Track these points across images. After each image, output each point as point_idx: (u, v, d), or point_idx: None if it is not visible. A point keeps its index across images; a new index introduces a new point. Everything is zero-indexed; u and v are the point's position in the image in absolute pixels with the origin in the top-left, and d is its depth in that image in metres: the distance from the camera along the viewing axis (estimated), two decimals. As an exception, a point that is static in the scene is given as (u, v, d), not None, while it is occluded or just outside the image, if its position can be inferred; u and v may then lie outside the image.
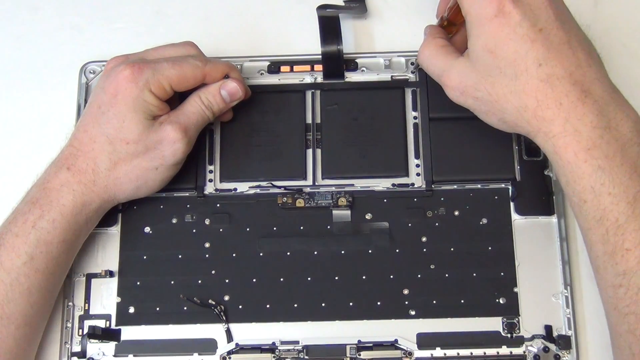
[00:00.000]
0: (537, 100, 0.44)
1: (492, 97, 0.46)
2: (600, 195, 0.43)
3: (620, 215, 0.43)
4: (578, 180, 0.44)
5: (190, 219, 0.55)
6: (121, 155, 0.50)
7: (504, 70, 0.45)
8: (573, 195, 0.45)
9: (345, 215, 0.55)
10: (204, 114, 0.52)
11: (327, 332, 0.53)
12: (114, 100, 0.49)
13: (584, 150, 0.43)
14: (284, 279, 0.54)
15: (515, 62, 0.45)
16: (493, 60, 0.45)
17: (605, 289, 0.45)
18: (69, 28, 0.61)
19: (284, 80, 0.58)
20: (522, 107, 0.45)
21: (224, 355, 0.52)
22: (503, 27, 0.45)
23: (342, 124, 0.56)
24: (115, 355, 0.53)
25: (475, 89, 0.47)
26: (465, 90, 0.48)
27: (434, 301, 0.53)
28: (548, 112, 0.44)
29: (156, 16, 0.62)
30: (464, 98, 0.48)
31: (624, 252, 0.43)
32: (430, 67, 0.51)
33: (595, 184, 0.43)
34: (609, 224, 0.43)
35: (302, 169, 0.56)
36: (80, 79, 0.58)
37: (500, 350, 0.52)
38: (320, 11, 0.59)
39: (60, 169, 0.50)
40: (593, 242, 0.45)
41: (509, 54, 0.45)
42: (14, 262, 0.48)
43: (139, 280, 0.54)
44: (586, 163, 0.43)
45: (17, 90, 0.60)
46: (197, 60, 0.51)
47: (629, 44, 0.60)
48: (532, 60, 0.44)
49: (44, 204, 0.49)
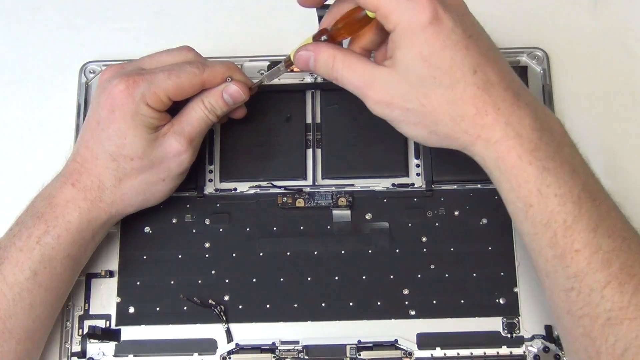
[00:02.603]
0: (475, 108, 0.43)
1: (426, 108, 0.44)
2: (547, 197, 0.43)
3: (568, 216, 0.42)
4: (524, 184, 0.43)
5: (190, 218, 0.55)
6: (126, 172, 0.49)
7: (439, 79, 0.43)
8: (517, 201, 0.44)
9: (345, 215, 0.55)
10: (208, 119, 0.50)
11: (327, 332, 0.53)
12: (112, 116, 0.48)
13: (528, 152, 0.43)
14: (284, 279, 0.54)
15: (451, 70, 0.43)
16: (427, 69, 0.43)
17: (557, 294, 0.44)
18: (69, 28, 0.61)
19: (284, 80, 0.58)
20: (460, 116, 0.44)
21: (224, 355, 0.52)
22: (438, 35, 0.43)
23: (342, 124, 0.56)
24: (115, 355, 0.53)
25: (405, 100, 0.44)
26: (392, 102, 0.45)
27: (434, 301, 0.53)
28: (487, 118, 0.43)
29: (156, 16, 0.62)
30: (390, 110, 0.45)
31: (573, 253, 0.42)
32: (349, 79, 0.46)
33: (541, 187, 0.43)
34: (557, 226, 0.43)
35: (302, 169, 0.56)
36: (80, 79, 0.59)
37: (500, 350, 0.52)
38: (320, 11, 0.59)
39: (65, 184, 0.49)
40: (541, 247, 0.44)
41: (445, 61, 0.43)
42: (17, 277, 0.48)
43: (139, 280, 0.54)
44: (531, 165, 0.43)
45: (17, 90, 0.60)
46: (194, 68, 0.49)
47: (629, 44, 0.60)
48: (467, 67, 0.43)
49: (50, 219, 0.49)
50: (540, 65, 0.58)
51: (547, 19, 0.61)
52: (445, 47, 0.43)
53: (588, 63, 0.60)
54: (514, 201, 0.44)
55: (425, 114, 0.45)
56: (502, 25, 0.61)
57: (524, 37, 0.60)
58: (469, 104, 0.43)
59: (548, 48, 0.59)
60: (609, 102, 0.58)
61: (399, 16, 0.43)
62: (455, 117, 0.44)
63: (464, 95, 0.43)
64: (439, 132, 0.45)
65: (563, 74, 0.59)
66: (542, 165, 0.43)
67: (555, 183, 0.43)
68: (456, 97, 0.44)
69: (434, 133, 0.45)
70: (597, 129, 0.58)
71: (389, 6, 0.43)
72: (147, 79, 0.48)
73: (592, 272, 0.42)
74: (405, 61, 0.44)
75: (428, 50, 0.43)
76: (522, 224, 0.45)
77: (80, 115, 0.58)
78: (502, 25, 0.61)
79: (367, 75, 0.45)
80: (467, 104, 0.43)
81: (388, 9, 0.43)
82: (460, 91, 0.43)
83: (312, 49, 0.48)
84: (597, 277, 0.42)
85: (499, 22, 0.61)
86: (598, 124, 0.58)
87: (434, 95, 0.44)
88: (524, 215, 0.44)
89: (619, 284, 0.42)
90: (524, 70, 0.58)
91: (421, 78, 0.44)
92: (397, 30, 0.43)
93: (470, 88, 0.43)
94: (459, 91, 0.43)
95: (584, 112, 0.58)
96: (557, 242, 0.43)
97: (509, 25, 0.61)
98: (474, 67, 0.43)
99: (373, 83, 0.45)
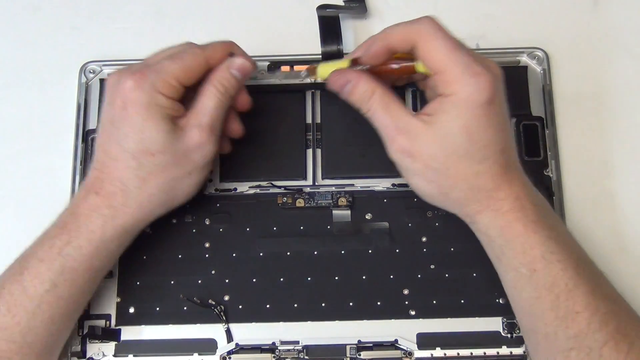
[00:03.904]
0: (494, 183, 0.46)
1: (450, 172, 0.46)
2: (550, 262, 0.45)
3: (569, 281, 0.45)
4: (529, 250, 0.46)
5: (190, 219, 0.55)
6: (149, 169, 0.47)
7: (473, 153, 0.46)
8: (521, 267, 0.46)
9: (345, 215, 0.55)
10: (223, 102, 0.49)
11: (327, 332, 0.53)
12: (125, 112, 0.46)
13: (533, 223, 0.46)
14: (284, 279, 0.54)
15: (486, 148, 0.46)
16: (466, 142, 0.45)
17: (554, 356, 0.46)
18: (69, 28, 0.61)
19: (284, 80, 0.58)
20: (478, 187, 0.46)
21: (224, 355, 0.52)
22: (488, 115, 0.45)
23: (342, 124, 0.56)
24: (115, 355, 0.53)
25: (432, 158, 0.46)
26: (418, 156, 0.46)
27: (434, 301, 0.53)
28: (501, 193, 0.46)
29: (156, 16, 0.62)
30: (411, 161, 0.47)
31: (574, 315, 0.45)
32: (381, 118, 0.48)
33: (545, 253, 0.46)
34: (559, 290, 0.45)
35: (302, 169, 0.56)
36: (80, 79, 0.59)
37: (500, 350, 0.52)
38: (320, 11, 0.59)
39: (89, 193, 0.48)
40: (543, 310, 0.46)
41: (484, 140, 0.45)
42: (37, 289, 0.46)
43: (139, 280, 0.54)
44: (536, 234, 0.46)
45: (17, 90, 0.60)
46: (195, 48, 0.49)
47: (629, 44, 0.60)
48: (499, 147, 0.46)
49: (72, 229, 0.47)
50: (540, 65, 0.58)
51: (547, 19, 0.61)
52: (489, 127, 0.45)
53: (588, 63, 0.60)
54: (517, 267, 0.46)
55: (447, 177, 0.47)
56: (502, 25, 0.61)
57: (524, 37, 0.60)
58: (490, 179, 0.46)
59: (548, 48, 0.59)
60: (609, 102, 0.58)
61: (461, 87, 0.45)
62: (473, 187, 0.46)
63: (489, 171, 0.46)
64: (451, 195, 0.47)
65: (563, 74, 0.59)
66: (545, 234, 0.46)
67: (557, 250, 0.46)
68: (482, 170, 0.46)
69: (445, 195, 0.48)
70: (596, 128, 0.58)
71: (454, 75, 0.45)
72: (154, 70, 0.47)
73: (592, 332, 0.44)
74: (448, 127, 0.45)
75: (475, 126, 0.45)
76: (522, 290, 0.47)
77: (80, 116, 0.57)
78: (502, 25, 0.61)
79: (402, 122, 0.47)
80: (488, 179, 0.46)
81: (452, 77, 0.45)
82: (487, 167, 0.46)
83: (354, 76, 0.49)
84: (596, 337, 0.44)
85: (499, 22, 0.61)
86: (598, 124, 0.58)
87: (462, 165, 0.46)
88: (527, 280, 0.46)
89: (615, 343, 0.44)
90: (524, 70, 0.58)
91: (457, 146, 0.46)
92: (451, 98, 0.45)
93: (495, 166, 0.46)
94: (486, 166, 0.46)
95: (584, 112, 0.58)
96: (560, 304, 0.45)
97: (509, 25, 0.61)
98: (503, 148, 0.46)
99: (405, 131, 0.47)
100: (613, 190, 0.57)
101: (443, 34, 0.46)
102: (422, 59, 0.47)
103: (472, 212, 0.48)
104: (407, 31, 0.47)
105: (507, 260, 0.47)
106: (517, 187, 0.47)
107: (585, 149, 0.57)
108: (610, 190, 0.57)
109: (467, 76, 0.45)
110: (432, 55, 0.46)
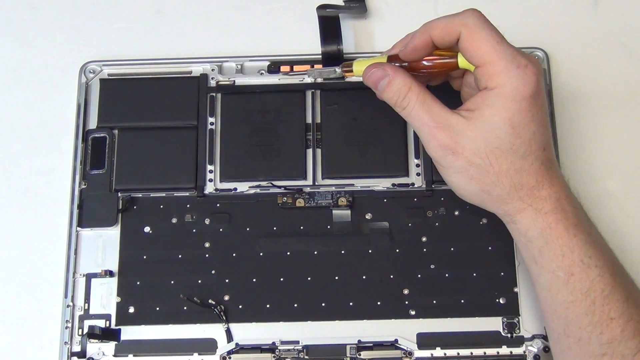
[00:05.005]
0: (536, 181, 0.46)
1: (493, 168, 0.46)
2: (588, 267, 0.45)
3: (606, 286, 0.45)
4: (568, 253, 0.45)
5: (190, 218, 0.55)
6: None
7: (517, 147, 0.45)
8: (558, 270, 0.46)
9: (345, 215, 0.55)
10: None
11: (327, 332, 0.53)
12: None
13: (573, 226, 0.46)
14: (284, 279, 0.54)
15: (529, 143, 0.45)
16: (510, 135, 0.45)
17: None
18: (69, 28, 0.61)
19: (284, 80, 0.58)
20: (520, 184, 0.46)
21: (224, 355, 0.52)
22: (532, 108, 0.45)
23: (342, 124, 0.56)
24: (115, 355, 0.52)
25: (475, 154, 0.45)
26: (460, 152, 0.46)
27: (434, 301, 0.53)
28: (543, 191, 0.46)
29: (156, 16, 0.62)
30: (453, 157, 0.46)
31: (608, 321, 0.44)
32: (419, 115, 0.46)
33: (584, 257, 0.45)
34: (596, 295, 0.45)
35: (302, 169, 0.56)
36: (80, 79, 0.58)
37: (500, 350, 0.52)
38: (320, 11, 0.59)
39: None
40: (577, 314, 0.45)
41: (528, 134, 0.45)
42: None
43: (139, 280, 0.54)
44: (576, 237, 0.45)
45: (17, 90, 0.60)
46: None
47: (629, 44, 0.60)
48: (541, 143, 0.46)
49: None
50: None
51: (547, 19, 0.61)
52: (533, 121, 0.45)
53: (588, 63, 0.60)
54: (555, 270, 0.46)
55: (489, 174, 0.46)
56: (502, 25, 0.60)
57: (524, 37, 0.60)
58: (532, 176, 0.46)
59: (548, 48, 0.59)
60: (609, 102, 0.58)
61: (505, 80, 0.44)
62: (516, 184, 0.46)
63: (531, 167, 0.46)
64: (493, 193, 0.47)
65: (563, 74, 0.59)
66: (584, 238, 0.46)
67: (595, 255, 0.45)
68: (524, 167, 0.46)
69: (487, 192, 0.47)
70: (597, 128, 0.58)
71: (499, 67, 0.45)
72: None
73: (625, 339, 0.44)
74: (492, 121, 0.45)
75: (519, 119, 0.45)
76: (558, 293, 0.46)
77: (80, 115, 0.57)
78: (502, 25, 0.60)
79: (441, 118, 0.46)
80: (530, 176, 0.46)
81: (496, 69, 0.45)
82: (529, 163, 0.46)
83: (390, 70, 0.48)
84: (629, 344, 0.44)
85: (498, 22, 0.60)
86: (598, 124, 0.58)
87: (505, 160, 0.45)
88: (564, 283, 0.46)
89: None
90: (524, 70, 0.58)
91: (501, 141, 0.45)
92: (496, 90, 0.45)
93: (537, 162, 0.46)
94: (528, 162, 0.46)
95: (584, 112, 0.58)
96: (595, 310, 0.45)
97: (509, 25, 0.60)
98: (544, 144, 0.46)
99: (445, 127, 0.46)
100: (613, 190, 0.57)
101: (489, 26, 0.45)
102: (465, 51, 0.46)
103: (514, 210, 0.47)
104: (451, 23, 0.46)
105: (544, 262, 0.46)
106: (558, 186, 0.46)
107: (585, 149, 0.57)
108: (610, 190, 0.57)
109: (513, 68, 0.44)
110: (478, 47, 0.45)
